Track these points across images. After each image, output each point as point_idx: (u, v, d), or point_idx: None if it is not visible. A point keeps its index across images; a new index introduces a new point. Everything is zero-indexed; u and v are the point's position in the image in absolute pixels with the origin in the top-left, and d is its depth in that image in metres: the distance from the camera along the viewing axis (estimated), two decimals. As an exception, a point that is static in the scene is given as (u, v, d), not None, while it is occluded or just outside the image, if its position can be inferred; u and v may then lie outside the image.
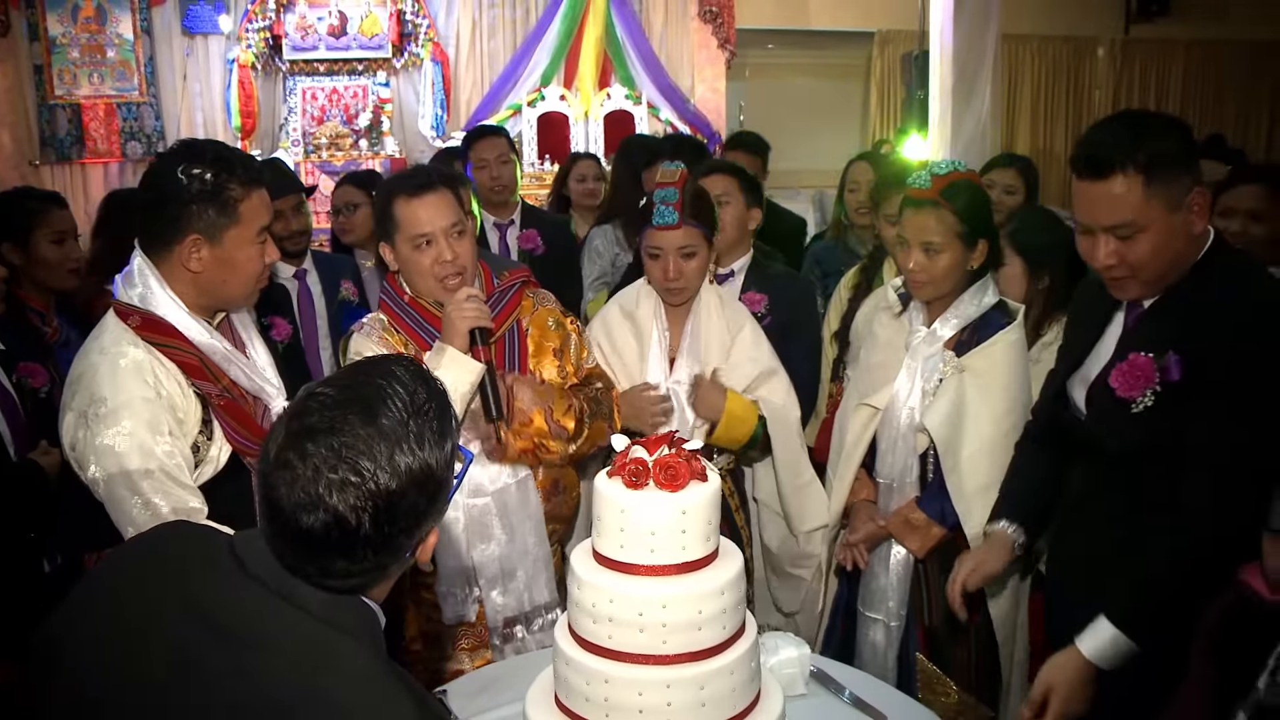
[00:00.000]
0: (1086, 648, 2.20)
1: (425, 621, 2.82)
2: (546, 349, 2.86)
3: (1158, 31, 13.86)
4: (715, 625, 1.88)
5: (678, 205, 2.98)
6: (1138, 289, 2.28)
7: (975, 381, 2.78)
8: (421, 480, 1.43)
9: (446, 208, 2.70)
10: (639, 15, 11.11)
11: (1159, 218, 2.16)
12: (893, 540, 2.94)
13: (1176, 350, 2.20)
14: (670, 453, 1.89)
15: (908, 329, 2.93)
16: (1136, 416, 2.25)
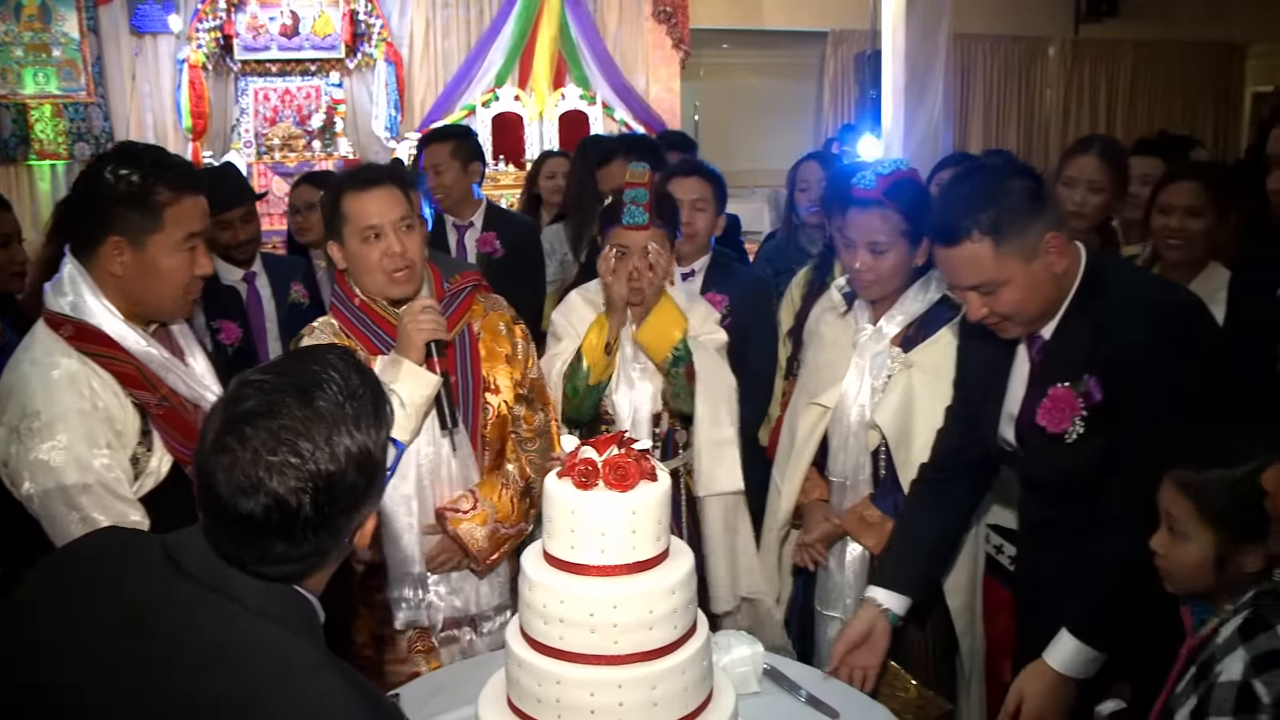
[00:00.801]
0: (1054, 660, 2.25)
1: (378, 624, 2.80)
2: (499, 354, 2.84)
3: (1107, 32, 14.04)
4: (666, 625, 1.87)
5: (647, 206, 2.99)
6: (1019, 330, 2.33)
7: (923, 376, 2.80)
8: (360, 461, 1.43)
9: (395, 201, 2.68)
10: (593, 15, 11.11)
11: (1016, 271, 2.21)
12: (848, 538, 2.95)
13: (1090, 372, 2.24)
14: (620, 453, 1.88)
15: (854, 328, 2.95)
16: (1072, 446, 2.29)
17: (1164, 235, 3.33)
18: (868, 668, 2.49)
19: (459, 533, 2.71)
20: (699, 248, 3.56)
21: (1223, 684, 1.65)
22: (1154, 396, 2.15)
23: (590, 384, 3.04)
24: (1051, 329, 2.33)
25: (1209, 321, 2.29)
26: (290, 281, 4.28)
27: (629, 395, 3.09)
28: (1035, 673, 2.28)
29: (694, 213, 3.49)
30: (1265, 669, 1.59)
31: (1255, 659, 1.62)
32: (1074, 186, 3.60)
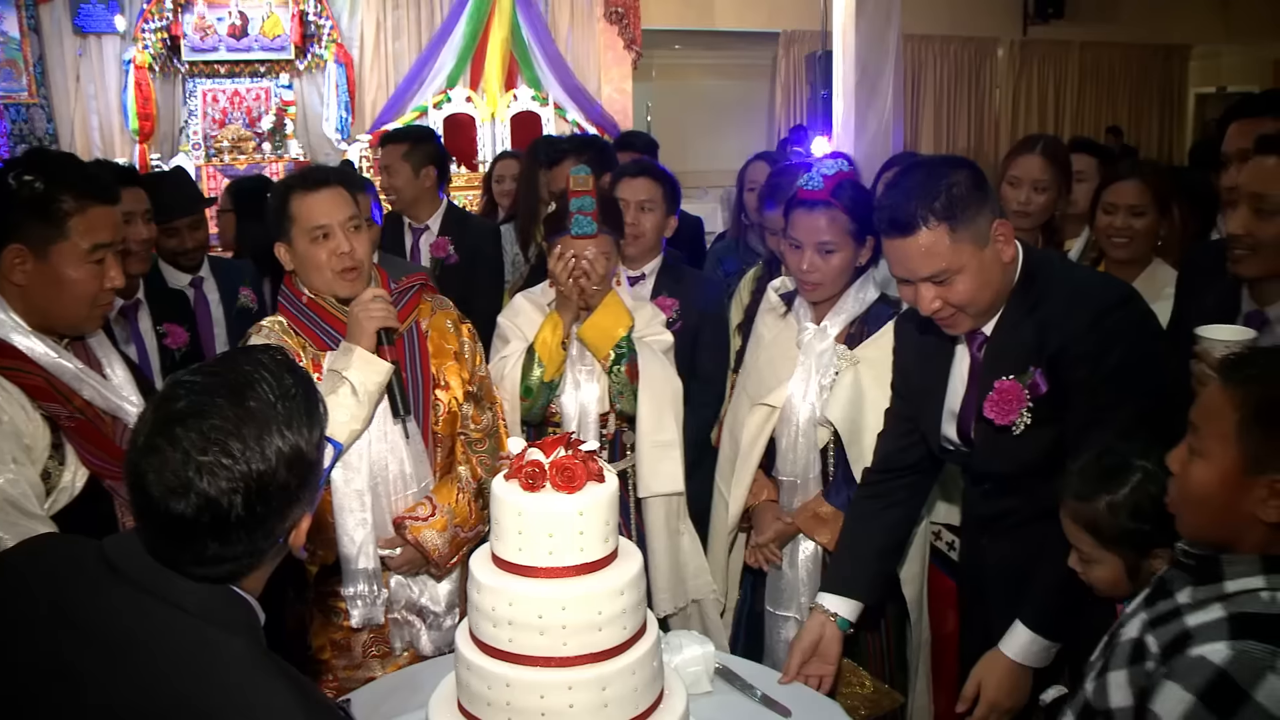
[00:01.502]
0: (1010, 650, 2.29)
1: (334, 629, 2.78)
2: (447, 351, 2.84)
3: (1053, 33, 14.25)
4: (616, 625, 1.87)
5: (595, 215, 2.99)
6: (969, 323, 2.34)
7: (870, 371, 2.82)
8: (292, 461, 1.43)
9: (343, 202, 2.67)
10: (545, 16, 11.09)
11: (970, 258, 2.22)
12: (800, 537, 2.96)
13: (1035, 364, 2.27)
14: (567, 454, 1.88)
15: (796, 328, 2.96)
16: (1020, 438, 2.31)
17: (1108, 234, 3.38)
18: (823, 676, 2.50)
19: (420, 540, 2.71)
20: (648, 249, 3.54)
21: (1122, 642, 1.74)
22: (1099, 386, 2.19)
23: (544, 381, 3.03)
24: (993, 325, 2.35)
25: (1146, 310, 2.34)
26: (238, 286, 4.24)
27: (576, 396, 3.09)
28: (992, 662, 2.31)
29: (641, 213, 3.48)
30: (1157, 625, 1.67)
31: (1151, 620, 1.69)
32: (1019, 186, 3.64)
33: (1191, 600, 1.67)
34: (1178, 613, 1.67)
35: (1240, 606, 1.59)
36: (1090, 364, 2.20)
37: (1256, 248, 2.36)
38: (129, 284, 3.56)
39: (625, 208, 3.44)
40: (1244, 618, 1.57)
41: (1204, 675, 1.52)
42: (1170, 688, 1.55)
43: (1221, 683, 1.50)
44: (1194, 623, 1.62)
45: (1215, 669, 1.52)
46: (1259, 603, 1.59)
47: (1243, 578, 1.62)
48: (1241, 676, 1.49)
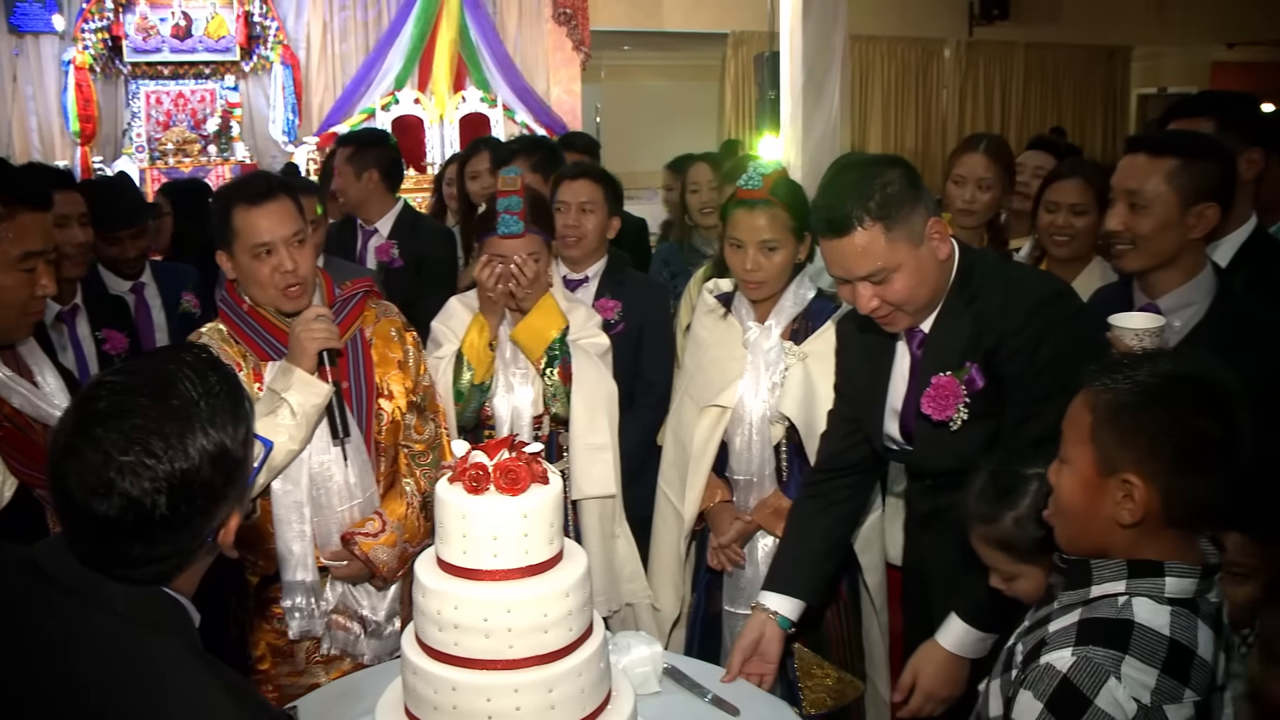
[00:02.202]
0: (946, 641, 2.32)
1: (276, 636, 2.75)
2: (391, 360, 2.82)
3: (999, 34, 14.40)
4: (562, 627, 1.87)
5: (522, 215, 2.98)
6: (907, 320, 2.37)
7: (819, 365, 2.84)
8: (217, 459, 1.42)
9: (287, 216, 2.63)
10: (493, 17, 11.05)
11: (906, 255, 2.25)
12: (758, 534, 2.97)
13: (971, 359, 2.31)
14: (510, 456, 1.88)
15: (739, 328, 2.97)
16: (958, 433, 2.35)
17: (1050, 232, 3.43)
18: (763, 675, 2.51)
19: (370, 556, 2.69)
20: (590, 251, 3.54)
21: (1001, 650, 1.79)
22: (1034, 378, 2.23)
23: (474, 384, 3.02)
24: (931, 321, 2.38)
25: (1080, 305, 2.39)
26: (181, 291, 4.19)
27: (509, 399, 3.08)
28: (928, 652, 2.34)
29: (583, 215, 3.48)
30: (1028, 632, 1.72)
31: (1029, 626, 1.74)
32: (963, 185, 3.69)
33: (1060, 606, 1.71)
34: (1047, 619, 1.71)
35: (1092, 612, 1.63)
36: (1025, 357, 2.24)
37: (1135, 242, 2.44)
38: (66, 288, 3.51)
39: (566, 210, 3.44)
40: (1091, 623, 1.61)
41: (1050, 682, 1.57)
42: (1024, 696, 1.59)
43: (1065, 689, 1.55)
44: (1052, 629, 1.66)
45: (1060, 676, 1.56)
46: (1110, 608, 1.63)
47: (1107, 582, 1.66)
48: (1083, 683, 1.54)
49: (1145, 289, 2.53)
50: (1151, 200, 2.41)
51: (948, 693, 2.32)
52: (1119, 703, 1.53)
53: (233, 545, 1.55)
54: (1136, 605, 1.62)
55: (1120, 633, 1.59)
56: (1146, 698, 1.55)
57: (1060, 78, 15.38)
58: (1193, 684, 1.61)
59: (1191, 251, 2.46)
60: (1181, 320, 2.44)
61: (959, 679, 2.32)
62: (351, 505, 2.72)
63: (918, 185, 2.28)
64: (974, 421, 2.31)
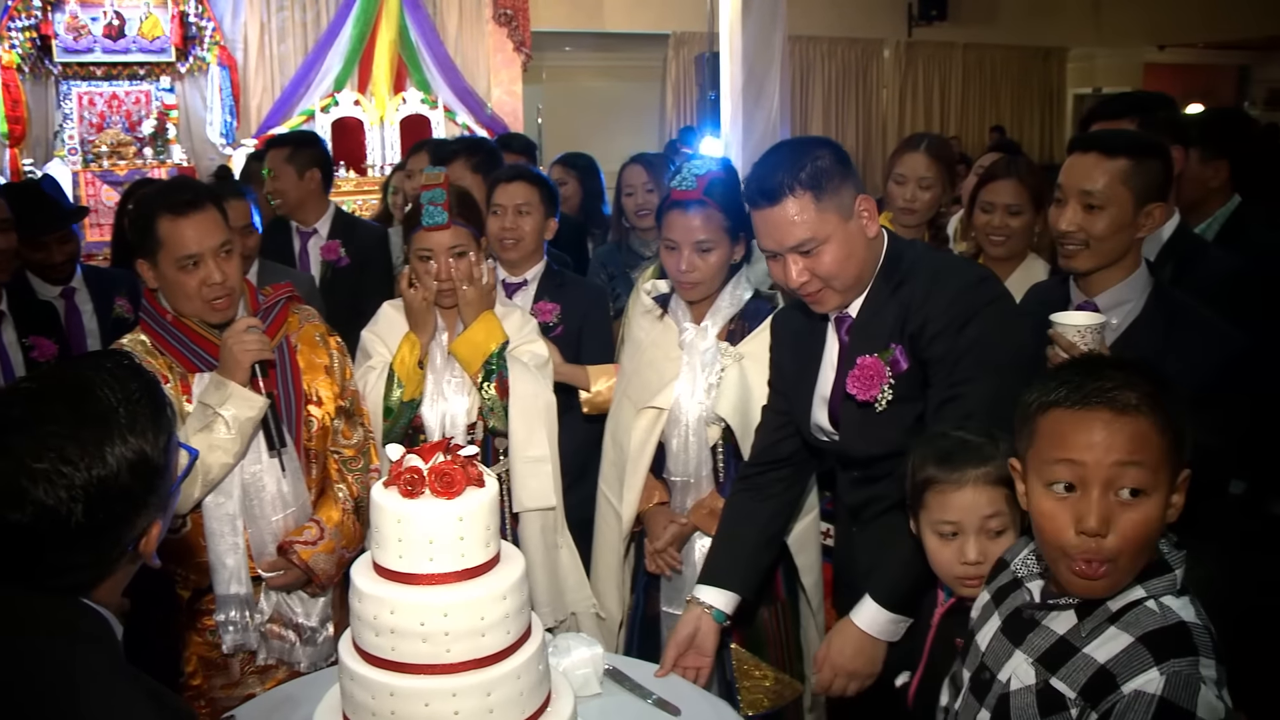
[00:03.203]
0: (859, 619, 2.33)
1: (208, 649, 2.71)
2: (318, 366, 2.79)
3: (937, 34, 14.60)
4: (499, 630, 1.86)
5: (445, 205, 2.96)
6: (835, 299, 2.39)
7: (755, 366, 2.85)
8: (136, 466, 1.40)
9: (214, 226, 2.58)
10: (433, 18, 10.99)
11: (836, 228, 2.29)
12: (695, 535, 2.97)
13: (897, 341, 2.34)
14: (446, 460, 1.87)
15: (675, 329, 2.97)
16: (883, 415, 2.37)
17: (986, 231, 3.48)
18: (699, 669, 2.52)
19: (309, 564, 2.66)
20: (528, 254, 3.52)
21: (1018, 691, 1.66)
22: (956, 361, 2.26)
23: (404, 400, 3.00)
24: (859, 306, 2.41)
25: (1003, 293, 2.41)
26: (114, 295, 4.11)
27: (441, 407, 3.06)
28: (841, 630, 2.35)
29: (519, 218, 3.46)
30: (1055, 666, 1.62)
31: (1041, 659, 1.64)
32: (904, 184, 3.72)
33: (1081, 629, 1.61)
34: (1069, 646, 1.61)
35: (1141, 626, 1.55)
36: (948, 339, 2.26)
37: (1089, 242, 2.47)
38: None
39: (503, 213, 3.43)
40: (1153, 637, 1.54)
41: (1149, 709, 1.48)
42: None
43: (1167, 711, 1.47)
44: (1104, 657, 1.56)
45: (1158, 700, 1.48)
46: (1153, 616, 1.56)
47: (1122, 593, 1.58)
48: (1182, 698, 1.47)
49: (1083, 287, 2.56)
50: (1107, 200, 2.44)
51: (855, 668, 2.32)
52: (1213, 705, 1.48)
53: (155, 555, 1.52)
54: (1174, 605, 1.57)
55: (1184, 637, 1.53)
56: (1220, 691, 1.51)
57: (998, 78, 15.61)
58: None
59: (1134, 251, 2.50)
60: (1118, 318, 2.47)
61: (872, 658, 2.32)
62: (285, 514, 2.68)
63: (847, 163, 2.33)
64: (899, 404, 2.34)
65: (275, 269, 4.04)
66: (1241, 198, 3.54)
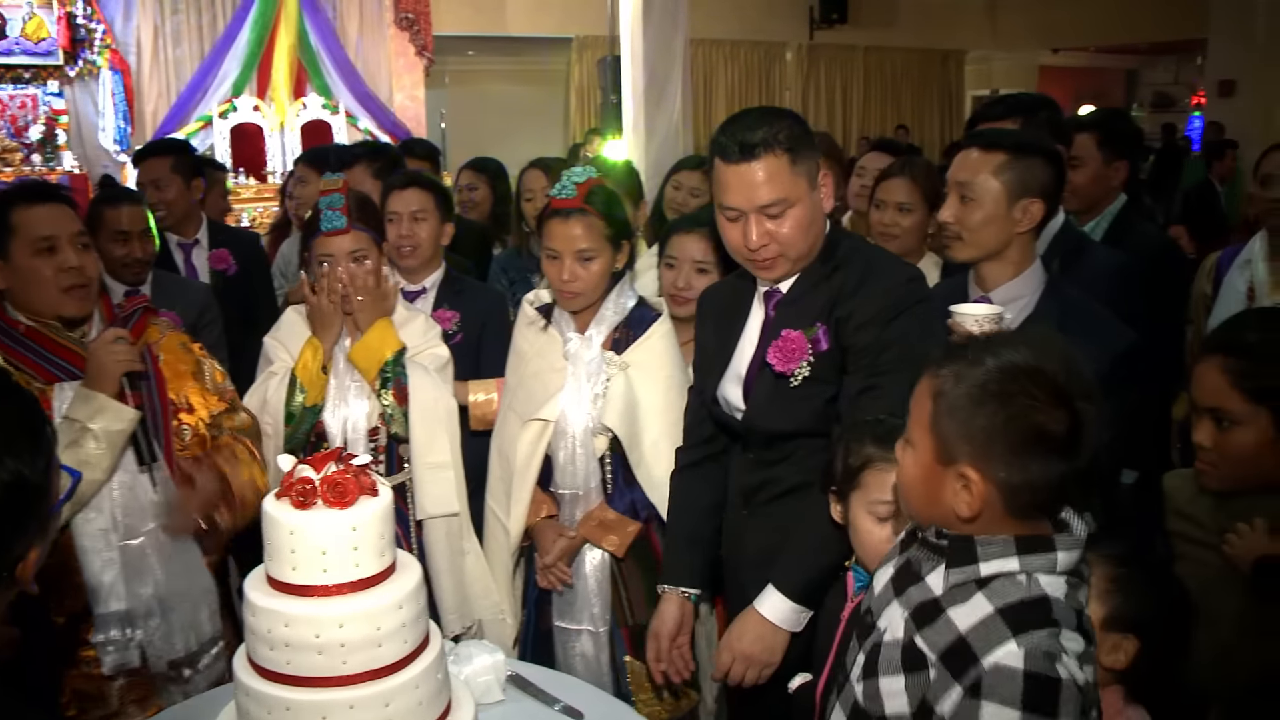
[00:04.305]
0: (762, 608, 2.34)
1: (84, 681, 2.62)
2: (184, 373, 2.73)
3: (839, 37, 14.81)
4: (396, 640, 1.84)
5: (344, 209, 2.94)
6: (785, 266, 2.41)
7: (641, 374, 2.86)
8: (12, 488, 1.35)
9: (70, 217, 2.54)
10: (333, 22, 10.86)
11: (804, 194, 2.33)
12: (586, 547, 2.94)
13: (822, 322, 2.37)
14: (338, 469, 1.84)
15: (559, 340, 2.95)
16: (797, 390, 2.39)
17: (878, 229, 3.54)
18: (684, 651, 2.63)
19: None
20: (426, 261, 3.49)
21: (888, 643, 1.69)
22: (879, 353, 2.29)
23: (307, 406, 2.96)
24: (790, 282, 2.44)
25: (929, 294, 2.46)
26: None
27: (343, 413, 3.02)
28: (744, 617, 2.37)
29: (415, 224, 3.43)
30: (922, 624, 1.64)
31: (912, 615, 1.66)
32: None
33: (947, 586, 1.63)
34: (937, 606, 1.63)
35: (1003, 597, 1.57)
36: (875, 329, 2.30)
37: (963, 233, 2.54)
38: None
39: (399, 220, 3.40)
40: (1013, 609, 1.55)
41: (1015, 683, 1.50)
42: (990, 709, 1.51)
43: (1032, 683, 1.49)
44: (964, 625, 1.58)
45: (1021, 673, 1.50)
46: (1018, 588, 1.57)
47: (996, 559, 1.59)
48: (1043, 667, 1.50)
49: (979, 282, 2.63)
50: (980, 193, 2.51)
51: (754, 653, 2.34)
52: (1074, 675, 1.50)
53: (33, 581, 1.48)
54: (1044, 581, 1.58)
55: (1044, 609, 1.55)
56: (1081, 664, 1.54)
57: (898, 80, 15.90)
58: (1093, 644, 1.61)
59: (1020, 246, 2.56)
60: (1013, 313, 2.52)
61: (772, 646, 2.33)
62: (157, 527, 2.61)
63: (810, 134, 2.38)
64: (813, 383, 2.37)
65: (171, 279, 3.96)
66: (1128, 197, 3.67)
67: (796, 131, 2.33)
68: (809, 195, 2.34)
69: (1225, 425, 2.11)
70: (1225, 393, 2.09)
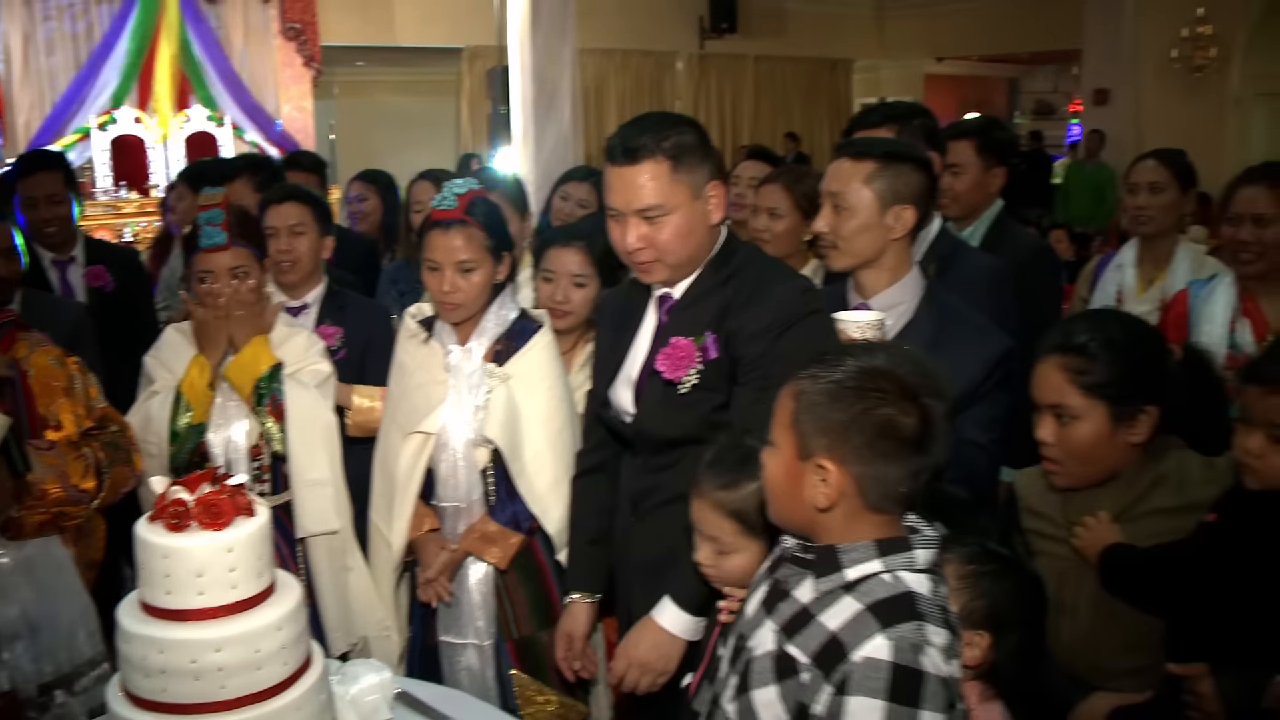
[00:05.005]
0: (659, 618, 2.35)
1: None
2: (55, 389, 2.66)
3: (729, 47, 14.96)
4: (276, 662, 1.81)
5: (224, 225, 2.89)
6: (664, 272, 2.44)
7: (522, 386, 2.85)
8: None
9: None
10: (217, 32, 10.64)
11: (683, 203, 2.36)
12: (469, 560, 2.92)
13: (712, 331, 2.39)
14: (213, 490, 1.81)
15: (441, 352, 2.93)
16: (684, 397, 2.41)
17: (753, 234, 3.60)
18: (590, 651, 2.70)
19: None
20: (306, 275, 3.44)
21: (759, 657, 1.73)
22: (771, 367, 2.30)
23: (192, 425, 2.91)
24: (684, 288, 2.46)
25: (820, 307, 2.47)
26: None
27: (224, 432, 2.97)
28: (642, 625, 2.38)
29: (293, 239, 3.38)
30: (793, 633, 1.68)
31: (783, 627, 1.71)
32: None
33: (816, 594, 1.69)
34: (807, 613, 1.68)
35: (871, 595, 1.63)
36: (765, 341, 2.32)
37: (838, 242, 2.58)
38: None
39: (276, 235, 3.33)
40: (881, 605, 1.61)
41: (882, 675, 1.55)
42: (856, 702, 1.55)
43: (899, 675, 1.54)
44: (835, 624, 1.63)
45: (888, 665, 1.55)
46: (885, 586, 1.64)
47: (861, 564, 1.66)
48: (909, 659, 1.54)
49: (858, 290, 2.66)
50: (852, 202, 2.55)
51: (649, 661, 2.35)
52: (939, 668, 1.55)
53: None
54: (905, 577, 1.65)
55: (909, 603, 1.61)
56: (946, 656, 1.59)
57: (788, 88, 16.12)
58: (958, 639, 1.66)
59: (895, 253, 2.60)
60: (892, 319, 2.56)
61: (668, 655, 2.35)
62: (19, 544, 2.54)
63: (709, 147, 2.41)
64: (701, 390, 2.39)
65: (42, 298, 3.84)
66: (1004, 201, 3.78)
67: (686, 141, 2.36)
68: (690, 204, 2.36)
69: (1065, 421, 2.22)
70: (1064, 389, 2.20)
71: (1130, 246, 3.92)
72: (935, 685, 1.55)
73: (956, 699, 1.60)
